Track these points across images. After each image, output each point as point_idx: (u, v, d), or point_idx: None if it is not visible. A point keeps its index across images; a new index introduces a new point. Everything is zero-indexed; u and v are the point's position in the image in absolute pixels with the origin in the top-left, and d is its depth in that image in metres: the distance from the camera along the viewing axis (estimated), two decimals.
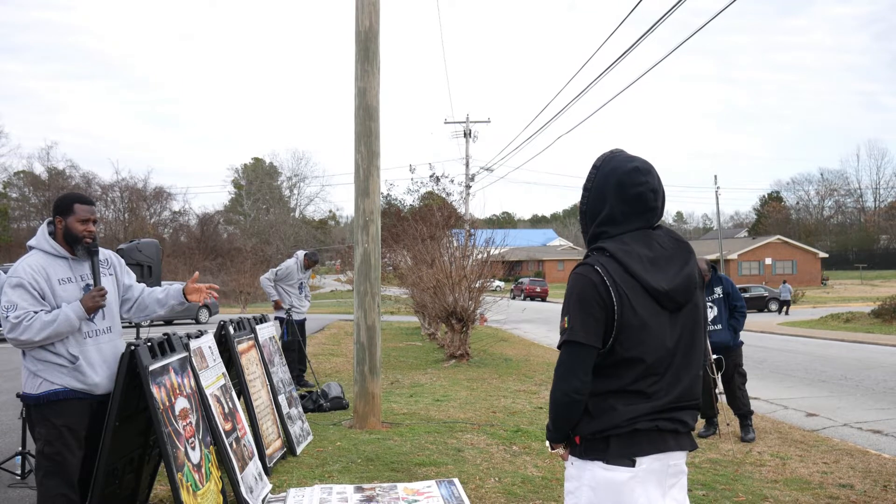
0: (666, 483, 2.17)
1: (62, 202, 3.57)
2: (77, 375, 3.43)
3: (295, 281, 9.48)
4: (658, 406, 2.11)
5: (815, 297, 43.25)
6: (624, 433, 2.10)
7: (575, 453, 2.20)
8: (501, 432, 6.55)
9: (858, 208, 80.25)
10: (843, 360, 13.96)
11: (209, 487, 3.92)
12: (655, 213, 2.25)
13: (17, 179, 53.91)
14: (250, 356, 5.60)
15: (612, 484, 2.11)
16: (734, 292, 6.89)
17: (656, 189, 2.24)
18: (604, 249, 2.18)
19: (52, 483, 3.40)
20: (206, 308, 25.67)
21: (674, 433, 2.16)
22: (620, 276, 2.11)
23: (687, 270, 2.19)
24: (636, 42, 9.79)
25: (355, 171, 7.03)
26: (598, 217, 2.25)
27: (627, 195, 2.20)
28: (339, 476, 5.12)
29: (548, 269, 68.85)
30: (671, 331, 2.15)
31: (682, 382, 2.16)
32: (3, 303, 3.33)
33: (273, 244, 51.99)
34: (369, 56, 6.97)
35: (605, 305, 2.09)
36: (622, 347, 2.10)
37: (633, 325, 2.09)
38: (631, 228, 2.21)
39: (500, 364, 12.37)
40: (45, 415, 3.41)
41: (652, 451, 2.12)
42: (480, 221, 24.25)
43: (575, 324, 2.11)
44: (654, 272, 2.14)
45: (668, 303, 2.14)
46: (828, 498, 4.85)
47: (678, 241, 2.25)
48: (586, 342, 2.09)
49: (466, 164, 35.55)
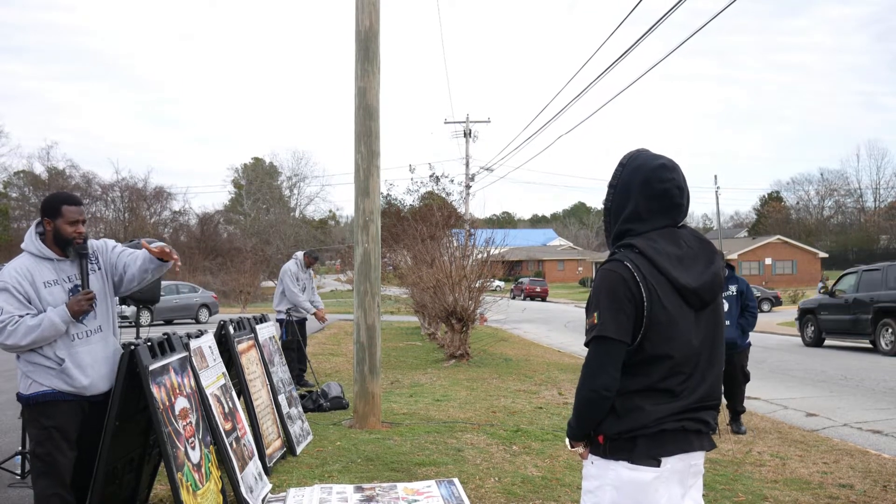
0: (687, 483, 2.19)
1: (50, 204, 3.50)
2: (64, 378, 3.40)
3: (299, 282, 9.41)
4: (684, 406, 2.12)
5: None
6: (651, 433, 2.10)
7: (597, 452, 2.19)
8: (501, 432, 6.55)
9: (858, 208, 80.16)
10: (843, 360, 13.96)
11: (209, 487, 3.92)
12: (681, 211, 2.25)
13: (17, 179, 53.88)
14: (250, 356, 5.60)
15: (637, 484, 2.10)
16: (748, 292, 6.91)
17: (681, 186, 2.25)
18: (632, 246, 2.18)
19: (45, 483, 3.40)
20: (205, 308, 25.70)
21: (697, 433, 2.17)
22: (650, 272, 2.12)
23: (713, 269, 2.20)
24: (636, 42, 9.79)
25: (355, 171, 7.03)
26: (623, 214, 2.26)
27: (653, 191, 2.21)
28: (339, 476, 5.12)
29: (548, 269, 68.87)
30: (696, 329, 2.16)
31: (707, 381, 2.17)
32: None
33: (273, 244, 51.95)
34: (369, 56, 6.97)
35: (635, 301, 2.09)
36: (651, 344, 2.10)
37: (661, 321, 2.10)
38: (657, 226, 2.22)
39: (500, 364, 12.37)
40: (34, 415, 3.41)
41: (677, 452, 2.13)
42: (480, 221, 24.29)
43: (605, 319, 2.10)
44: (681, 269, 2.15)
45: (695, 301, 2.15)
46: (828, 498, 4.85)
47: (703, 241, 2.27)
48: (617, 337, 2.09)
49: (466, 164, 35.57)
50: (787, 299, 38.26)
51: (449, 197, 32.48)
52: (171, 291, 24.47)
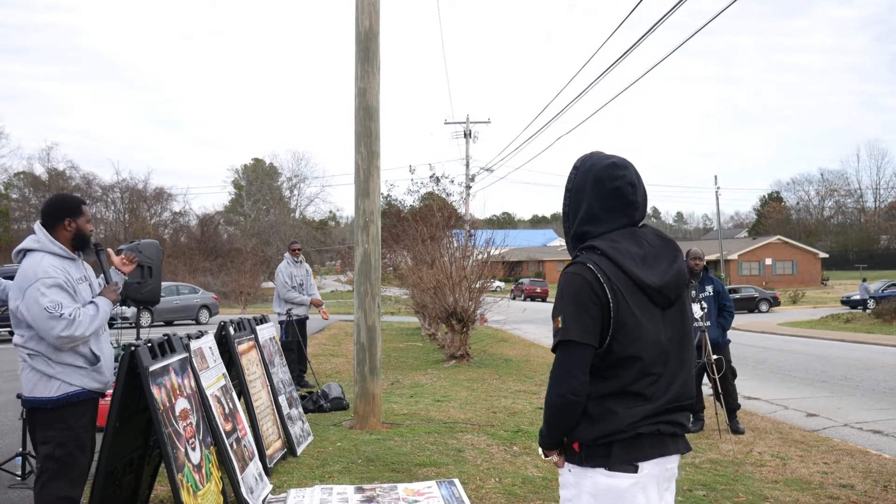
0: (662, 487, 2.16)
1: (69, 204, 3.58)
2: (95, 375, 3.48)
3: (296, 279, 9.42)
4: (657, 408, 2.09)
5: (815, 297, 43.25)
6: (627, 438, 2.07)
7: (573, 461, 2.15)
8: (502, 433, 6.55)
9: (859, 208, 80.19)
10: (843, 360, 13.95)
11: (209, 488, 3.92)
12: (636, 208, 2.24)
13: (17, 180, 53.88)
14: (251, 357, 5.60)
15: (615, 491, 2.07)
16: (724, 292, 7.14)
17: (634, 183, 2.23)
18: (594, 248, 2.16)
19: (57, 485, 3.39)
20: (206, 309, 25.69)
21: (672, 436, 2.15)
22: (613, 273, 2.09)
23: (676, 266, 2.18)
24: (636, 42, 9.79)
25: (355, 171, 7.03)
26: (578, 215, 2.25)
27: (605, 190, 2.20)
28: (340, 476, 5.12)
29: (548, 270, 68.79)
30: (664, 328, 2.14)
31: (678, 381, 2.15)
32: (47, 303, 3.28)
33: (273, 245, 51.94)
34: (369, 56, 6.97)
35: (600, 303, 2.07)
36: (619, 346, 2.07)
37: (628, 322, 2.07)
38: (614, 227, 2.21)
39: (501, 364, 12.37)
40: (61, 417, 3.39)
41: (654, 456, 2.10)
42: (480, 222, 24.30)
43: (570, 323, 2.08)
44: (645, 269, 2.13)
45: (660, 299, 2.13)
46: (828, 498, 4.85)
47: (665, 239, 2.25)
48: (582, 340, 2.06)
49: (466, 165, 35.54)
50: (787, 300, 38.24)
51: (449, 197, 32.49)
52: (171, 292, 24.45)
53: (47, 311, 3.27)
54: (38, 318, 3.28)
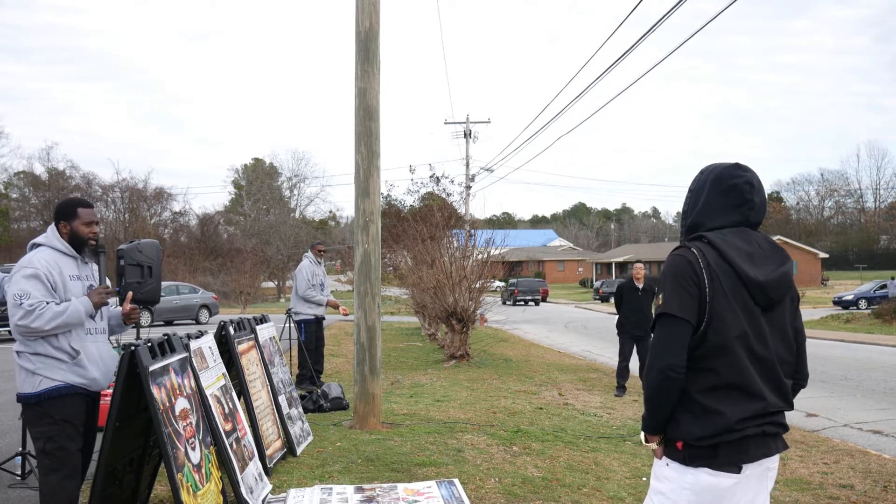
0: (762, 485, 2.18)
1: (66, 207, 3.68)
2: (77, 370, 3.49)
3: (316, 277, 9.37)
4: (763, 408, 2.10)
5: (815, 297, 43.23)
6: (734, 440, 2.08)
7: (675, 458, 2.15)
8: (502, 433, 6.55)
9: (859, 209, 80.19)
10: (843, 360, 13.95)
11: (209, 488, 3.92)
12: (751, 207, 2.26)
13: (17, 180, 53.86)
14: (250, 356, 5.60)
15: (716, 489, 2.10)
16: None
17: (752, 182, 2.27)
18: (702, 237, 2.22)
19: (56, 477, 3.44)
20: (206, 308, 25.68)
21: (774, 437, 2.17)
22: (715, 262, 2.14)
23: (783, 269, 2.20)
24: (636, 43, 9.79)
25: (355, 171, 7.03)
26: (696, 209, 2.31)
27: (724, 185, 2.26)
28: (340, 476, 5.12)
29: (548, 270, 68.84)
30: (766, 329, 2.15)
31: (778, 381, 2.16)
32: (16, 291, 3.39)
33: (273, 245, 51.88)
34: (369, 56, 6.97)
35: (698, 286, 2.11)
36: (715, 334, 2.09)
37: (725, 313, 2.09)
38: (727, 224, 2.24)
39: (501, 364, 12.37)
40: (45, 412, 3.44)
41: (759, 457, 2.12)
42: (480, 222, 24.25)
43: (669, 297, 2.13)
44: (750, 264, 2.15)
45: (761, 297, 2.14)
46: (828, 498, 4.85)
47: (775, 246, 2.28)
48: (680, 315, 2.10)
49: (466, 165, 35.54)
50: None
51: (449, 197, 32.43)
52: (171, 292, 24.45)
53: (13, 298, 3.38)
54: (9, 305, 3.41)
